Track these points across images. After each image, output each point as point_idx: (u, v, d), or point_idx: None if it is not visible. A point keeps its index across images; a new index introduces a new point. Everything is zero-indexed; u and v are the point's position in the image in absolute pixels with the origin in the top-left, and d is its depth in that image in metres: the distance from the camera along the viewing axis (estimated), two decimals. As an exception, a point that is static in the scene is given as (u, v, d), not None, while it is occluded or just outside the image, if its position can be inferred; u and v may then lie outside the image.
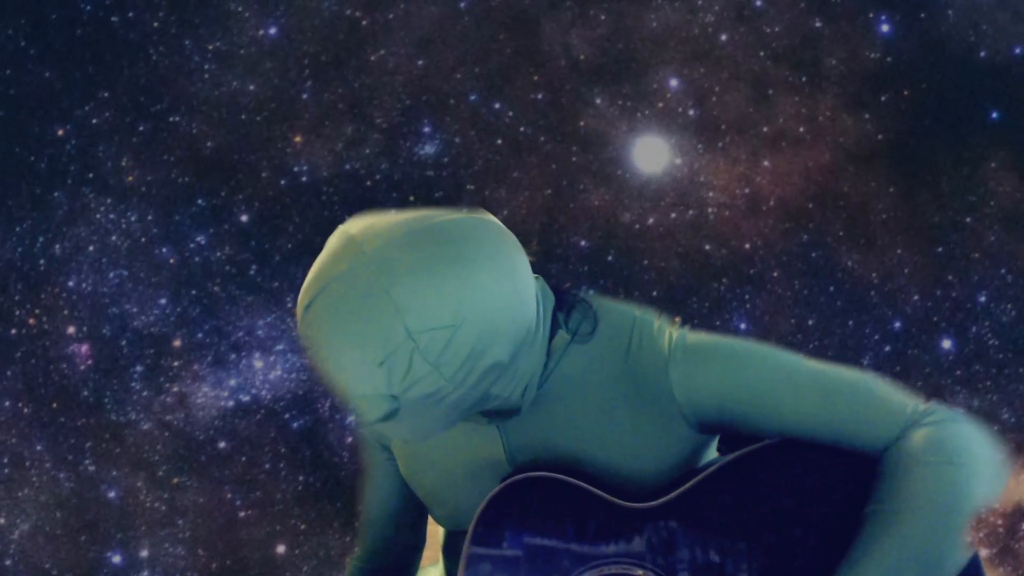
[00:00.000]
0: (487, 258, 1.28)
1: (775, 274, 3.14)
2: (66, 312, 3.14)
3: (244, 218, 3.17)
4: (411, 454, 1.55)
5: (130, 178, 3.15)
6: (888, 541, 1.27)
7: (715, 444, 1.50)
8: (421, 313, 1.23)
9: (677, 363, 1.38)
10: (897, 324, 3.11)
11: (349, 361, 1.25)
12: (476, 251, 1.28)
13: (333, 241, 1.31)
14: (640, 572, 1.35)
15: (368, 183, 3.17)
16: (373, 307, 1.24)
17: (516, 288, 1.30)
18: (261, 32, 3.17)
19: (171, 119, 3.16)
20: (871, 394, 1.34)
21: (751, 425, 1.38)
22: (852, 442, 1.33)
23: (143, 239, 3.16)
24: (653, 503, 1.38)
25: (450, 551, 1.60)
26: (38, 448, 3.12)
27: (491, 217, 1.35)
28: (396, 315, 1.23)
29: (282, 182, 3.17)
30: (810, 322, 3.14)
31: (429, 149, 3.20)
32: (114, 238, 3.15)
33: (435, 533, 1.71)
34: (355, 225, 1.30)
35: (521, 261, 1.33)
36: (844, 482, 1.30)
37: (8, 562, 3.11)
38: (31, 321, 3.13)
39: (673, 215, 3.16)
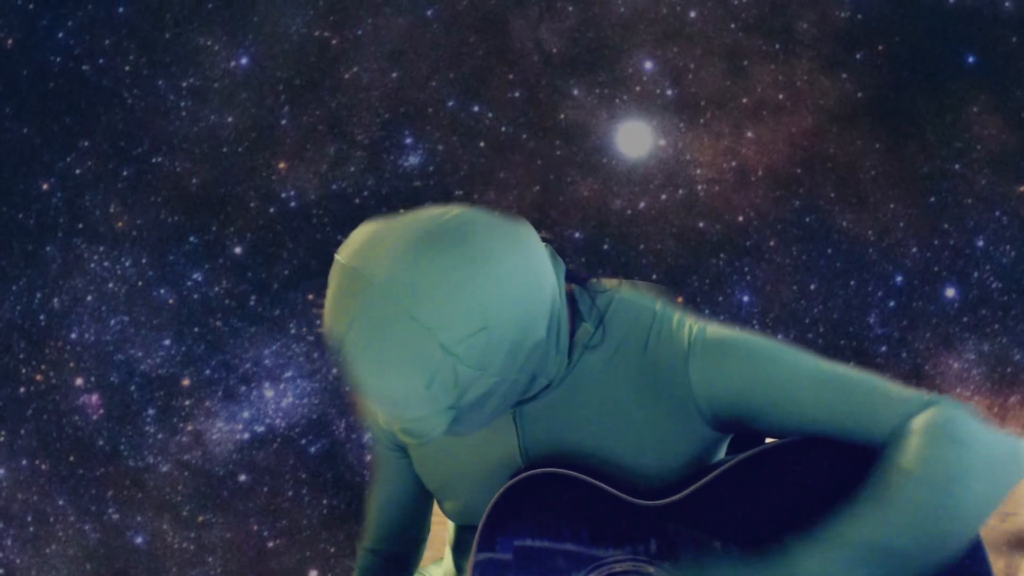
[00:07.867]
0: (495, 250, 1.25)
1: (772, 243, 3.14)
2: (72, 364, 3.14)
3: (238, 250, 3.17)
4: (425, 447, 1.54)
5: (120, 224, 3.15)
6: (880, 504, 1.24)
7: (726, 444, 1.49)
8: (450, 326, 1.21)
9: (696, 358, 1.37)
10: (899, 278, 3.11)
11: (396, 392, 1.24)
12: (483, 247, 1.25)
13: (336, 277, 1.27)
14: (651, 570, 1.34)
15: (356, 201, 3.16)
16: (402, 335, 1.21)
17: (530, 265, 1.28)
18: (233, 63, 3.17)
19: (154, 160, 3.16)
20: (885, 389, 1.33)
21: (768, 422, 1.36)
22: (866, 437, 1.32)
23: (140, 283, 3.16)
24: (665, 501, 1.37)
25: (459, 546, 1.60)
26: (60, 503, 3.12)
27: (475, 209, 1.31)
28: (428, 336, 1.21)
29: (271, 210, 3.17)
30: (812, 287, 3.13)
31: (413, 160, 3.19)
32: (111, 285, 3.15)
33: (438, 533, 1.72)
34: (350, 254, 1.26)
35: (526, 235, 1.31)
36: (857, 482, 1.29)
37: (44, 619, 3.11)
38: (38, 377, 3.13)
39: (663, 196, 3.16)
